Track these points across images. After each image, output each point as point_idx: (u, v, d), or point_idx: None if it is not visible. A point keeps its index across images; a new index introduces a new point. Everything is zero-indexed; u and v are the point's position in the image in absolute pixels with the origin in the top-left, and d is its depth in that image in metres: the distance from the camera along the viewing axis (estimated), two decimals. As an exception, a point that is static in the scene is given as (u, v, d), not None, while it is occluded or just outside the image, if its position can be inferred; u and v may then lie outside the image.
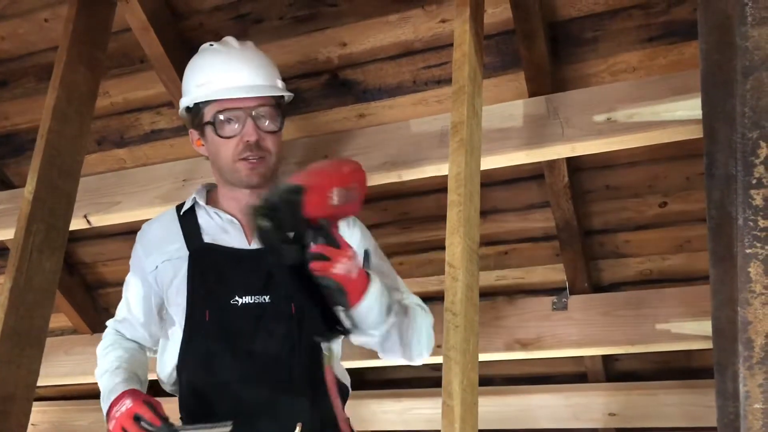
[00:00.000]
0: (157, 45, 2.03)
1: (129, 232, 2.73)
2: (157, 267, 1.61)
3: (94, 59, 1.85)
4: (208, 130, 1.59)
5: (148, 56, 2.09)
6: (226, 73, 1.59)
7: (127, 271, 1.64)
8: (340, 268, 1.27)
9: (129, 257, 2.89)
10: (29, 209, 1.63)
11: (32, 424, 3.44)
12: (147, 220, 1.71)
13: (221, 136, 1.56)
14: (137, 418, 1.39)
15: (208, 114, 1.58)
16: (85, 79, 1.82)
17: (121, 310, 1.69)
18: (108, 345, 1.65)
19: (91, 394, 3.50)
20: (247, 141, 1.55)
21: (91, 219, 2.25)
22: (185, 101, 1.63)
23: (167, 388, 1.60)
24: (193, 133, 1.66)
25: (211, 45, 1.67)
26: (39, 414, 3.50)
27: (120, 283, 2.93)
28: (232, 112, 1.56)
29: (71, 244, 2.82)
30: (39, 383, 1.64)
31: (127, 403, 1.43)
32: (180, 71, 2.09)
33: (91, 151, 2.45)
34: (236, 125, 1.56)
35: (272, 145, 1.59)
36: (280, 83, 1.66)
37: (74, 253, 2.89)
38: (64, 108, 1.75)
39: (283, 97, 1.64)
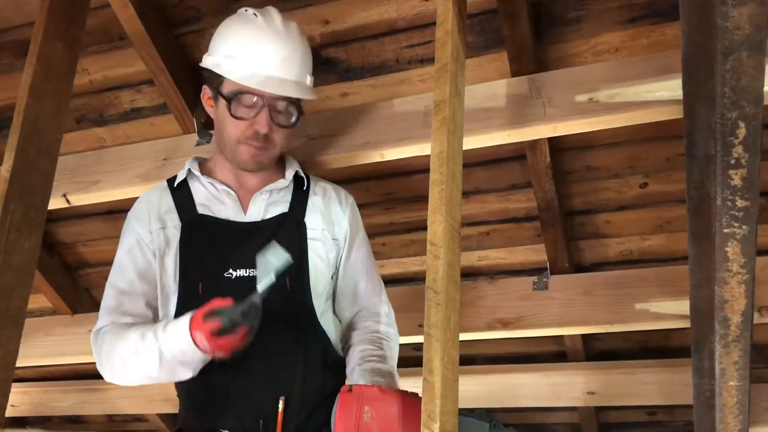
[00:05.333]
0: (137, 21, 2.00)
1: (109, 212, 2.71)
2: (152, 233, 1.58)
3: (72, 35, 1.82)
4: (222, 102, 1.57)
5: (128, 33, 2.06)
6: (260, 57, 1.54)
7: (107, 251, 1.62)
8: None
9: (109, 237, 2.86)
10: (6, 187, 1.61)
11: (12, 405, 3.43)
12: (127, 199, 1.69)
13: (233, 116, 1.55)
14: (208, 317, 1.33)
15: (227, 87, 1.56)
16: (62, 56, 1.78)
17: (118, 301, 1.56)
18: (116, 334, 1.50)
19: (72, 374, 3.49)
20: (257, 130, 1.55)
21: (71, 198, 2.23)
22: (210, 62, 1.59)
23: None
24: (207, 91, 1.64)
25: (255, 15, 1.60)
26: (19, 395, 3.48)
27: (100, 264, 2.95)
28: (252, 97, 1.54)
29: (50, 224, 2.79)
30: (19, 364, 1.62)
31: (185, 320, 1.37)
32: (159, 48, 2.07)
33: (70, 130, 2.41)
34: (251, 111, 1.54)
35: (279, 139, 1.59)
36: (309, 79, 1.62)
37: (53, 233, 2.86)
38: (42, 85, 1.72)
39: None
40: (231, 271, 1.51)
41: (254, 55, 1.54)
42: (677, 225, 2.31)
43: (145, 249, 1.59)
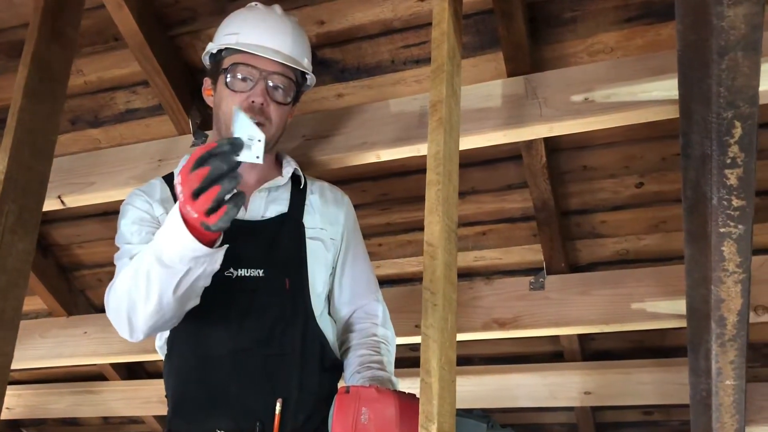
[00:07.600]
0: (132, 22, 2.00)
1: (104, 213, 2.70)
2: (155, 218, 1.56)
3: (66, 36, 1.81)
4: (221, 78, 1.59)
5: (122, 34, 2.05)
6: (257, 31, 1.60)
7: (102, 252, 1.61)
8: None
9: (104, 239, 2.84)
10: (1, 189, 1.60)
11: (7, 408, 3.41)
12: (122, 201, 1.68)
13: (230, 88, 1.56)
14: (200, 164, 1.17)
15: (226, 62, 1.59)
16: (57, 57, 1.78)
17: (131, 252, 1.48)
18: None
19: (67, 377, 3.48)
20: (252, 101, 1.55)
21: (66, 200, 2.22)
22: (211, 47, 1.64)
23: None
24: (207, 81, 1.67)
25: (255, 5, 1.68)
26: (14, 398, 3.47)
27: (96, 265, 2.94)
28: (249, 68, 1.56)
29: (45, 226, 2.78)
30: (14, 366, 1.62)
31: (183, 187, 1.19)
32: (155, 49, 2.07)
33: (64, 131, 2.41)
34: (248, 83, 1.56)
35: (275, 116, 1.59)
36: (306, 63, 1.66)
37: (48, 234, 2.85)
38: (36, 86, 1.72)
39: (305, 78, 1.66)
40: (232, 270, 1.49)
41: (253, 29, 1.60)
42: (673, 225, 2.32)
43: (153, 222, 1.54)
